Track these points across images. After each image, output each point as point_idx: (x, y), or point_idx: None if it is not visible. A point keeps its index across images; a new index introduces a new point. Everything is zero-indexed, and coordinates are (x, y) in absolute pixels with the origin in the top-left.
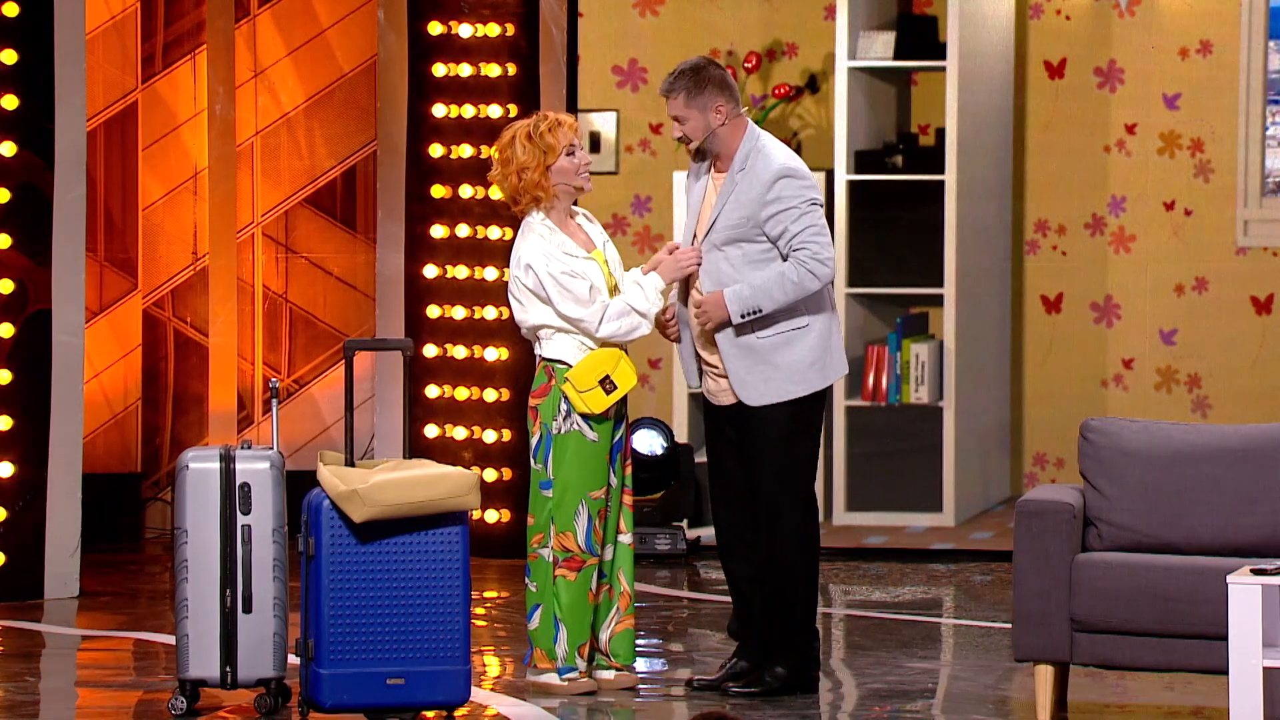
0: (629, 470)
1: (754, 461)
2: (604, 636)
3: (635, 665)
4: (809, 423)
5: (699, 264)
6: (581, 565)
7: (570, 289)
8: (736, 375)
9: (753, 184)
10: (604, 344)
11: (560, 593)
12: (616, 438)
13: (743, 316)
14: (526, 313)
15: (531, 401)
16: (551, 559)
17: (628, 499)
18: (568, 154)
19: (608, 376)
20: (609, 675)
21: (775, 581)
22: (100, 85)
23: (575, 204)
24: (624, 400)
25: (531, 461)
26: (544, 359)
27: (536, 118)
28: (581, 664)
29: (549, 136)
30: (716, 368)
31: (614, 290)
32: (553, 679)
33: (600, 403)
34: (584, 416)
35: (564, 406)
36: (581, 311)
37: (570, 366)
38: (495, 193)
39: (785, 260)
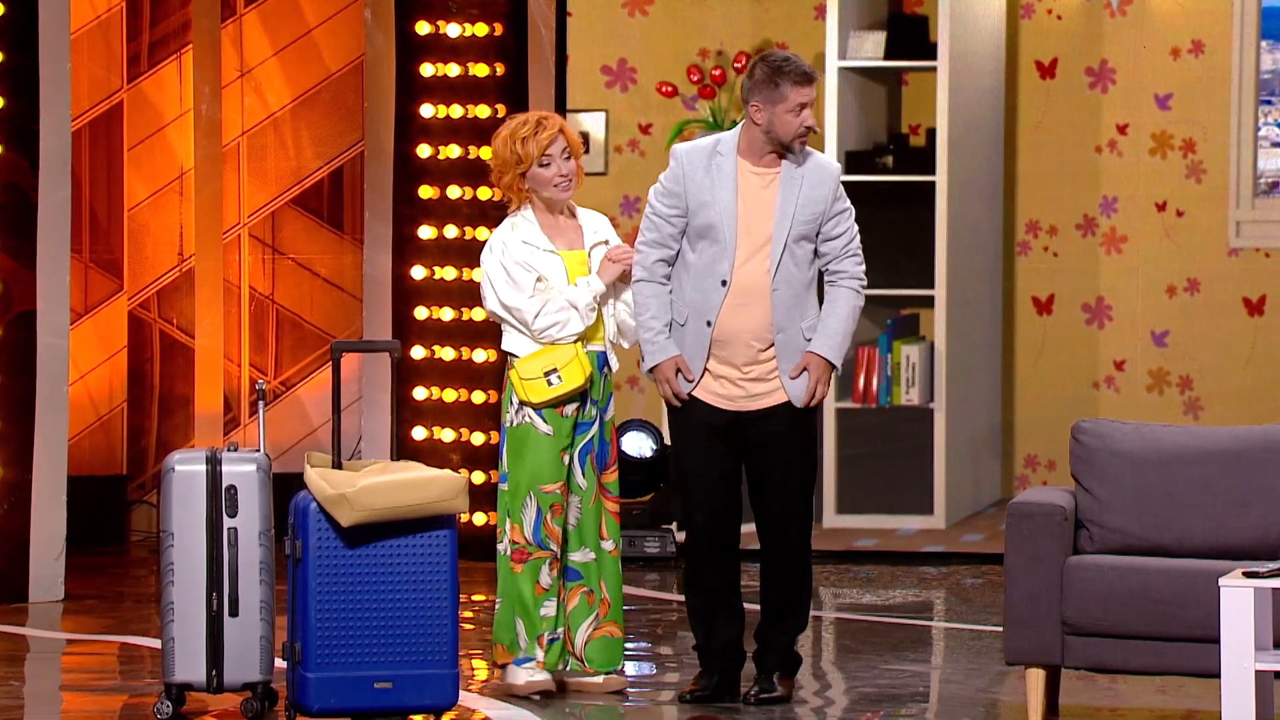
0: (611, 476)
1: (784, 463)
2: (579, 641)
3: (623, 670)
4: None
5: (632, 260)
6: (528, 557)
7: (514, 277)
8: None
9: (822, 179)
10: (550, 341)
11: (513, 585)
12: (586, 439)
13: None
14: (485, 300)
15: (501, 396)
16: (507, 552)
17: (611, 505)
18: (541, 164)
19: (555, 369)
20: (597, 680)
21: (800, 585)
22: (85, 85)
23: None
24: (598, 404)
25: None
26: (503, 351)
27: (519, 121)
28: (540, 654)
29: (520, 146)
30: (749, 372)
31: None
32: (511, 670)
33: (540, 394)
34: (536, 410)
35: (515, 398)
36: (519, 300)
37: (519, 358)
38: (484, 194)
39: (823, 258)
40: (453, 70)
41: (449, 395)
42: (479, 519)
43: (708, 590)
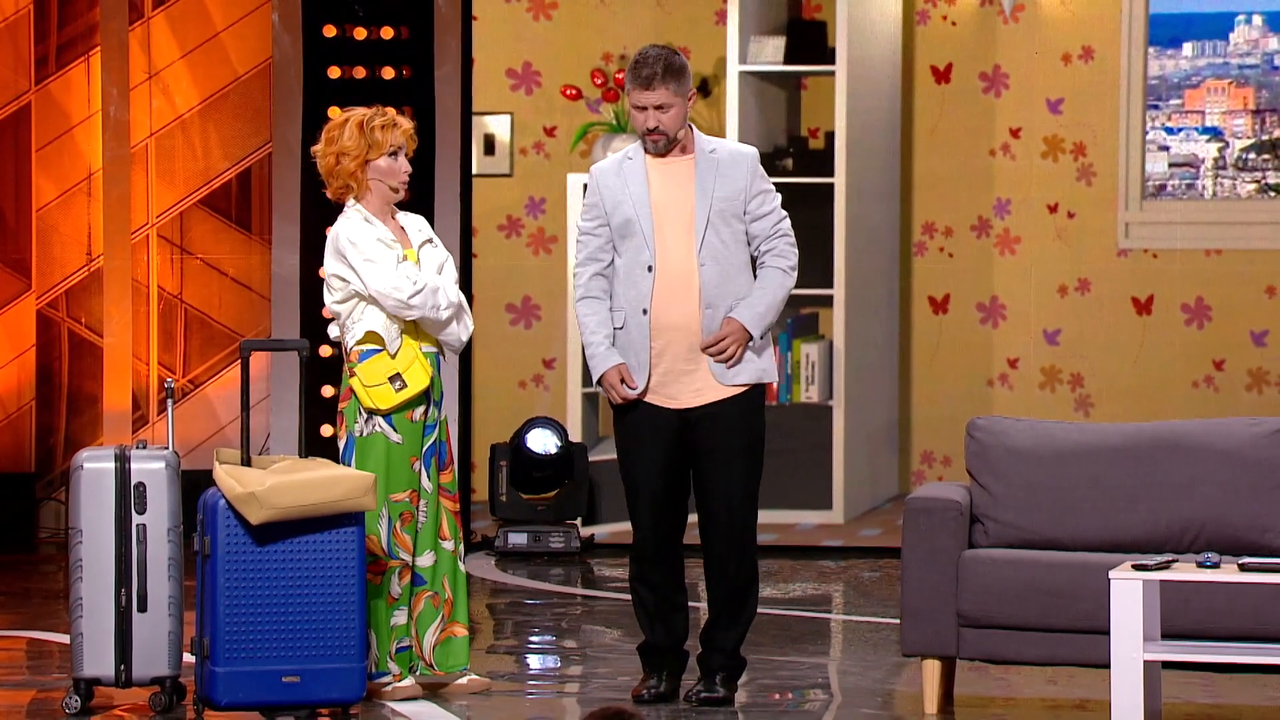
0: (450, 476)
1: (728, 461)
2: (427, 645)
3: (469, 670)
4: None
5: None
6: (384, 569)
7: (380, 258)
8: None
9: (736, 161)
10: (422, 315)
11: (369, 597)
12: (430, 442)
13: (762, 336)
14: (333, 295)
15: (340, 406)
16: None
17: (451, 504)
18: (391, 155)
19: (398, 374)
20: (462, 681)
21: (747, 585)
22: None
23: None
24: (434, 404)
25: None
26: (349, 361)
27: (376, 110)
28: (394, 667)
29: (378, 133)
30: (690, 364)
31: None
32: (372, 685)
33: (388, 400)
34: (385, 418)
35: (363, 408)
36: (386, 275)
37: (359, 366)
38: None
39: (753, 240)
40: (360, 73)
41: None
42: None
43: (655, 586)
